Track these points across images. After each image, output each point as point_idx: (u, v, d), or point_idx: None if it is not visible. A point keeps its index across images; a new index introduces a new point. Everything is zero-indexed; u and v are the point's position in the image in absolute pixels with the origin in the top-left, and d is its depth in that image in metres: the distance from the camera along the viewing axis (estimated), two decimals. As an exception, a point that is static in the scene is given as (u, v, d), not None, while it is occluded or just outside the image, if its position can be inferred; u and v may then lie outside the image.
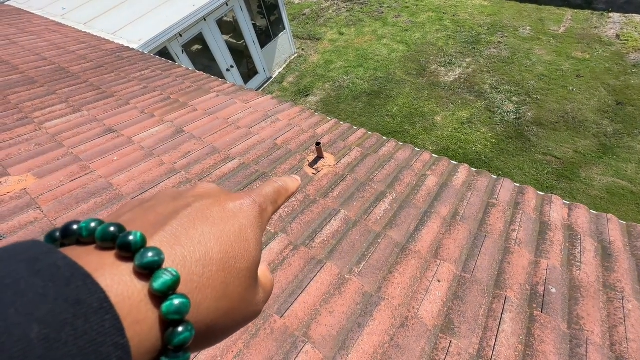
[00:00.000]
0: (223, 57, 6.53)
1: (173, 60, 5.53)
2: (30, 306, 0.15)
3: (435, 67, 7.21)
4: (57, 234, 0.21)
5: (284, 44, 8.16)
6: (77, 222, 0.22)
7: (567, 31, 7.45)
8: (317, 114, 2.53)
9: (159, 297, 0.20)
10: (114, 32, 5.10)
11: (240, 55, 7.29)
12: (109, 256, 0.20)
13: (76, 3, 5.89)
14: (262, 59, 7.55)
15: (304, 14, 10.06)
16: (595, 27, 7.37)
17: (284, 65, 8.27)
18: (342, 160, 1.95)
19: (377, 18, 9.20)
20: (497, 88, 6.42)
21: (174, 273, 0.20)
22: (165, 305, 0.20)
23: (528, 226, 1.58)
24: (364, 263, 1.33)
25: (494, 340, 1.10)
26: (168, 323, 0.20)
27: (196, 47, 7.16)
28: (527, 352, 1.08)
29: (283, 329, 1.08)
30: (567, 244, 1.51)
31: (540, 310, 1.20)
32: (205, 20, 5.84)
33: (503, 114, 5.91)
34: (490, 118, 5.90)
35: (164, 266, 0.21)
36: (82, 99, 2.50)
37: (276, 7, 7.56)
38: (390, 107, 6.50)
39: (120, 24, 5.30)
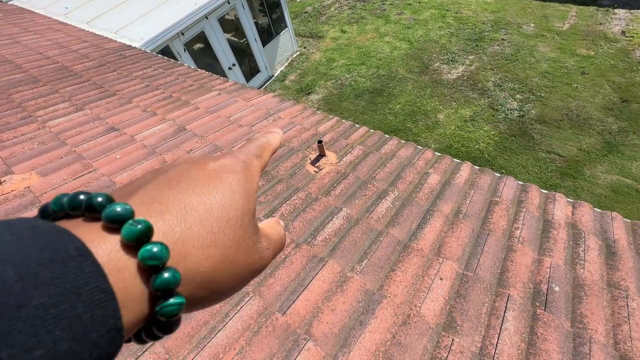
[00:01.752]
0: (225, 56, 6.53)
1: (175, 58, 5.54)
2: (6, 254, 0.15)
3: (438, 65, 7.16)
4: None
5: (286, 42, 8.14)
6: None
7: (572, 28, 7.37)
8: (319, 112, 2.52)
9: (133, 247, 0.20)
10: (116, 31, 5.12)
11: (242, 54, 7.28)
12: (79, 220, 0.21)
13: (79, 2, 5.91)
14: (263, 57, 7.54)
15: (306, 12, 10.02)
16: (600, 24, 7.29)
17: (286, 64, 8.25)
18: (344, 158, 1.95)
19: (380, 15, 9.15)
20: (500, 85, 6.37)
21: (144, 221, 0.20)
22: (140, 252, 0.19)
23: (531, 224, 1.57)
24: (365, 261, 1.32)
25: (496, 339, 1.09)
26: (149, 271, 0.20)
27: (198, 45, 7.16)
28: (530, 350, 1.07)
29: (285, 326, 1.08)
30: (571, 242, 1.50)
31: (543, 308, 1.19)
32: (207, 18, 5.84)
33: (506, 111, 5.87)
34: (493, 116, 5.86)
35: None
36: (84, 97, 2.51)
37: (278, 5, 7.54)
38: (393, 105, 6.47)
39: (123, 23, 5.31)
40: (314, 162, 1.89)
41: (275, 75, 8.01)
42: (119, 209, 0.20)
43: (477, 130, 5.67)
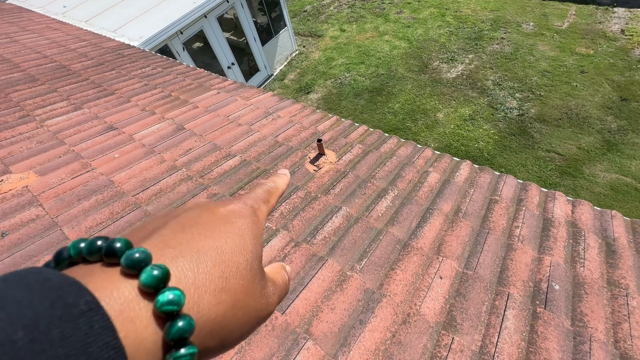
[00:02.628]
0: (224, 55, 6.52)
1: (174, 57, 5.52)
2: (16, 314, 0.15)
3: (438, 64, 7.15)
4: (52, 263, 0.22)
5: (285, 41, 8.12)
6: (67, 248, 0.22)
7: (571, 26, 7.36)
8: (318, 111, 2.51)
9: (149, 293, 0.20)
10: (115, 30, 5.10)
11: (241, 53, 7.27)
12: (97, 266, 0.21)
13: (77, 1, 5.89)
14: (263, 56, 7.52)
15: (305, 11, 10.00)
16: (599, 22, 7.29)
17: (285, 63, 8.24)
18: (343, 157, 1.94)
19: (379, 14, 9.13)
20: (499, 84, 6.37)
21: (162, 267, 0.20)
22: (158, 298, 0.19)
23: (531, 223, 1.57)
24: (365, 260, 1.32)
25: (496, 337, 1.09)
26: (165, 318, 0.20)
27: (197, 44, 7.14)
28: (530, 349, 1.07)
29: (284, 325, 1.08)
30: (571, 241, 1.50)
31: (543, 307, 1.19)
32: (206, 17, 5.82)
33: (506, 110, 5.87)
34: (492, 115, 5.86)
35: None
36: (83, 96, 2.50)
37: (277, 4, 7.52)
38: (392, 104, 6.47)
39: (121, 21, 5.29)
40: (313, 161, 1.88)
41: (275, 74, 7.99)
42: (137, 254, 0.20)
43: (477, 129, 5.67)
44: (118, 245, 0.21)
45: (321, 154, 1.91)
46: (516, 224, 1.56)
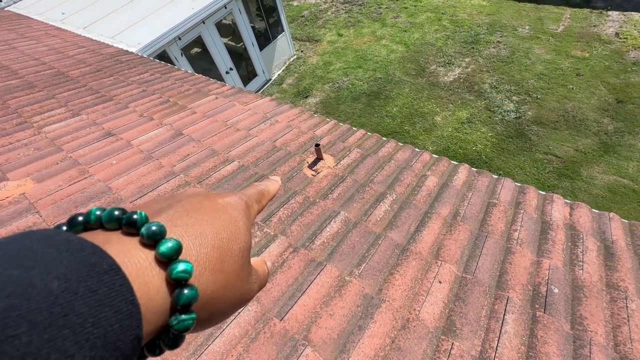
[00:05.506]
0: (222, 60, 6.54)
1: (172, 63, 5.54)
2: (49, 267, 0.16)
3: (435, 67, 7.20)
4: (64, 227, 0.23)
5: (283, 46, 8.17)
6: (82, 214, 0.24)
7: (566, 30, 7.44)
8: (316, 115, 2.52)
9: (164, 262, 0.22)
10: (113, 36, 5.12)
11: (240, 58, 7.30)
12: (115, 234, 0.23)
13: (75, 8, 5.92)
14: (261, 61, 7.55)
15: (303, 16, 10.07)
16: (594, 26, 7.37)
17: (283, 67, 8.28)
18: (341, 162, 1.94)
19: (376, 19, 9.21)
20: (496, 87, 6.41)
21: (177, 240, 0.23)
22: (172, 267, 0.22)
23: (529, 226, 1.57)
24: (364, 265, 1.32)
25: (496, 342, 1.08)
26: (174, 285, 0.22)
27: (195, 50, 7.18)
28: (530, 353, 1.07)
29: (283, 332, 1.07)
30: (569, 244, 1.50)
31: (542, 310, 1.19)
32: (204, 23, 5.85)
33: (503, 113, 5.90)
34: (490, 117, 5.89)
35: None
36: (81, 102, 2.50)
37: (275, 9, 7.57)
38: (390, 107, 6.50)
39: (119, 28, 5.31)
40: (311, 166, 1.88)
41: (273, 79, 8.02)
42: (155, 227, 0.23)
43: (475, 132, 5.69)
44: (137, 217, 0.23)
45: (319, 158, 1.91)
46: (514, 227, 1.56)
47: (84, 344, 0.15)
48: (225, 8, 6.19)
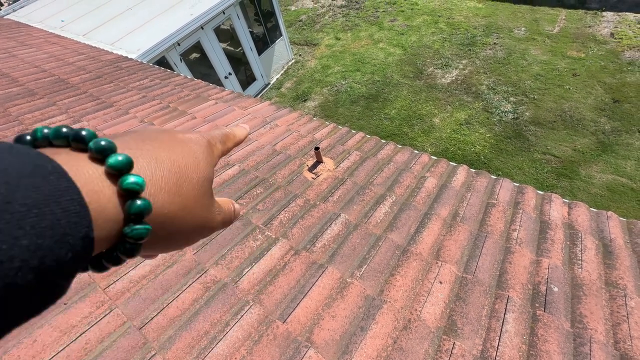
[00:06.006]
0: (221, 65, 6.59)
1: (171, 69, 5.58)
2: None
3: (432, 70, 7.25)
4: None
5: (281, 50, 8.22)
6: (29, 133, 0.23)
7: (562, 31, 7.51)
8: (315, 118, 2.54)
9: (114, 175, 0.22)
10: (113, 42, 5.16)
11: (238, 63, 7.34)
12: (64, 149, 0.23)
13: (75, 15, 5.96)
14: (259, 66, 7.60)
15: (301, 20, 10.15)
16: (589, 26, 7.43)
17: (282, 71, 8.33)
18: (341, 164, 1.96)
19: (373, 22, 9.28)
20: (494, 89, 6.45)
21: (127, 155, 0.23)
22: (122, 178, 0.22)
23: (528, 225, 1.59)
24: (365, 266, 1.33)
25: (497, 341, 1.09)
26: (126, 197, 0.22)
27: (194, 55, 7.23)
28: (531, 352, 1.07)
29: (286, 334, 1.08)
30: (568, 243, 1.52)
31: (543, 309, 1.20)
32: (202, 28, 5.90)
33: (501, 114, 5.94)
34: (488, 119, 5.92)
35: None
36: (82, 109, 2.52)
37: (273, 14, 7.64)
38: (388, 110, 6.53)
39: (119, 34, 5.35)
40: (311, 169, 1.90)
41: (272, 83, 8.07)
42: (104, 142, 0.23)
43: (473, 133, 5.72)
44: (85, 133, 0.23)
45: (319, 161, 1.93)
46: (514, 227, 1.58)
47: (29, 230, 0.16)
48: (224, 14, 6.25)
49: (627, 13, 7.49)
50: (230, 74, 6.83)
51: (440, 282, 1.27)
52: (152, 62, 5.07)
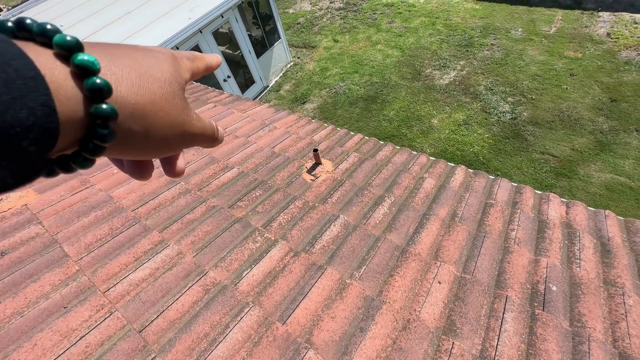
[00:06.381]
0: (220, 68, 6.61)
1: (170, 72, 5.59)
2: None
3: (430, 71, 7.28)
4: None
5: (280, 53, 8.25)
6: None
7: (559, 31, 7.55)
8: (314, 120, 2.55)
9: (65, 57, 0.22)
10: (112, 47, 5.17)
11: (237, 66, 7.37)
12: (27, 42, 0.23)
13: (74, 20, 5.99)
14: (258, 69, 7.63)
15: (299, 23, 10.19)
16: (585, 26, 7.48)
17: (280, 74, 8.35)
18: (340, 166, 1.97)
19: (371, 24, 9.32)
20: (492, 89, 6.48)
21: (75, 37, 0.23)
22: (73, 56, 0.22)
23: (527, 225, 1.59)
24: (364, 267, 1.33)
25: (496, 340, 1.10)
26: (82, 76, 0.22)
27: (193, 58, 7.20)
28: (529, 351, 1.08)
29: (285, 335, 1.08)
30: (566, 242, 1.52)
31: (541, 308, 1.20)
32: (201, 32, 5.93)
33: (499, 114, 5.95)
34: (486, 119, 5.94)
35: None
36: (81, 113, 2.52)
37: (271, 17, 7.67)
38: (387, 111, 6.55)
39: (118, 39, 5.38)
40: (310, 171, 1.90)
41: (270, 85, 8.09)
42: (49, 25, 0.23)
43: (471, 134, 5.74)
44: (49, 26, 0.23)
45: (318, 163, 1.94)
46: (512, 226, 1.58)
47: None
48: (222, 17, 6.27)
49: (622, 13, 7.53)
50: (229, 76, 6.86)
51: (439, 282, 1.28)
52: (151, 66, 5.08)
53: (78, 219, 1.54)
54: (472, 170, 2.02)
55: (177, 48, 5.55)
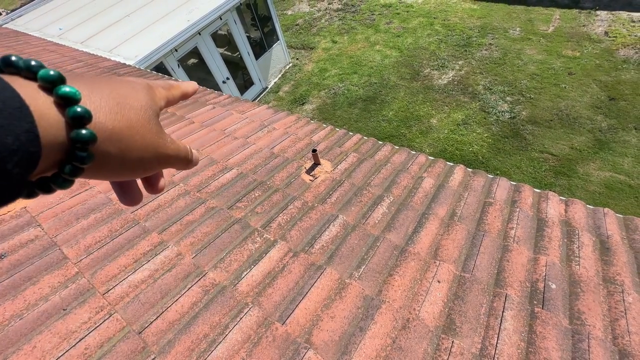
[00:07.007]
0: (219, 70, 6.62)
1: (169, 74, 5.61)
2: None
3: (429, 71, 7.30)
4: None
5: (279, 54, 8.27)
6: None
7: (556, 30, 7.57)
8: (313, 121, 2.56)
9: (48, 89, 0.24)
10: (111, 50, 5.19)
11: (236, 67, 7.38)
12: (13, 76, 0.25)
13: (73, 23, 6.00)
14: (257, 70, 7.64)
15: (297, 24, 10.22)
16: (583, 25, 7.50)
17: (279, 75, 8.37)
18: (338, 166, 1.97)
19: (369, 25, 9.35)
20: (490, 89, 6.49)
21: (58, 72, 0.25)
22: (56, 87, 0.24)
23: (525, 223, 1.59)
24: (363, 267, 1.33)
25: (496, 339, 1.10)
26: (64, 105, 0.24)
27: (192, 60, 7.27)
28: (529, 349, 1.08)
29: (285, 336, 1.08)
30: (565, 240, 1.52)
31: (541, 306, 1.20)
32: (199, 34, 5.94)
33: (498, 113, 5.96)
34: (485, 118, 5.95)
35: None
36: (80, 116, 2.53)
37: (269, 18, 7.69)
38: (386, 111, 6.56)
39: (117, 41, 5.39)
40: (309, 171, 1.91)
41: (269, 87, 8.10)
42: (34, 62, 0.25)
43: (470, 133, 5.75)
44: (33, 63, 0.25)
45: (317, 163, 1.94)
46: (511, 225, 1.58)
47: None
48: (221, 19, 6.29)
49: (620, 12, 7.55)
50: (228, 78, 6.87)
51: (439, 281, 1.28)
52: (150, 69, 5.09)
53: (77, 221, 1.54)
54: (471, 170, 2.03)
55: (176, 50, 5.56)
